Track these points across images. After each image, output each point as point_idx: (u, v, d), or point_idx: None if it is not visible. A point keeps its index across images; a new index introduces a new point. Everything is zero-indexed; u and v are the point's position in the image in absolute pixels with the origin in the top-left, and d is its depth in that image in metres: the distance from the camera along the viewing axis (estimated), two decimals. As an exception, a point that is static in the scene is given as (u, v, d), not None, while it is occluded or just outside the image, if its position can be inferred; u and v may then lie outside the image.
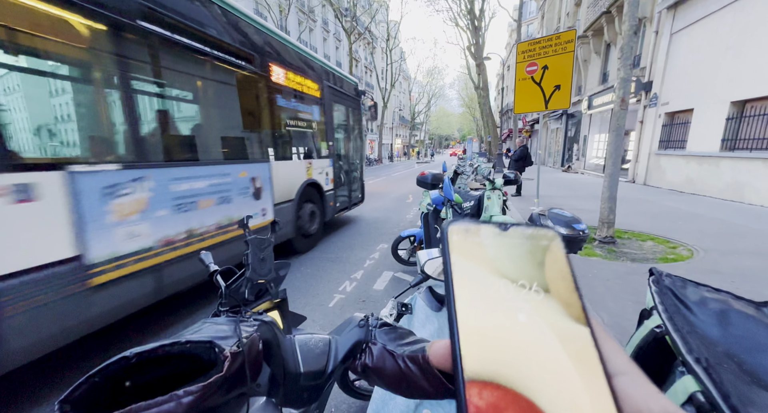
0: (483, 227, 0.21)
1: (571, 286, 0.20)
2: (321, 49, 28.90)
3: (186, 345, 0.48)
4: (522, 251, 0.21)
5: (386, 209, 7.87)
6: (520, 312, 0.19)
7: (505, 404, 0.16)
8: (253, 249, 0.64)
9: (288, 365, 0.63)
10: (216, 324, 0.55)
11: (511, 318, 0.18)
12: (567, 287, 0.20)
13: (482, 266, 0.20)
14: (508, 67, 33.99)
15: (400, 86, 50.57)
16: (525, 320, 0.18)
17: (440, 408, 1.15)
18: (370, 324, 0.71)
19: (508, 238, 0.21)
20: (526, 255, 0.20)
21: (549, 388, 0.17)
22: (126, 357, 0.43)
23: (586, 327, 0.19)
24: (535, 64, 6.01)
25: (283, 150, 4.04)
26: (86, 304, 1.92)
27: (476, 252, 0.21)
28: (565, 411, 0.16)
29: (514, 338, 0.18)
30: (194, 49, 2.68)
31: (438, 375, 0.58)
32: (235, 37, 3.11)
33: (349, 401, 1.81)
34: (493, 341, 0.18)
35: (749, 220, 5.55)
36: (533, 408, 0.16)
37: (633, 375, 0.18)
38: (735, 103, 7.56)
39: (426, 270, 0.96)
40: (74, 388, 0.39)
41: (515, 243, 0.21)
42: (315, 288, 3.33)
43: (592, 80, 15.75)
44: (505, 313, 0.19)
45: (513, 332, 0.18)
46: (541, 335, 0.18)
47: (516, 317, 0.19)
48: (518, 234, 0.21)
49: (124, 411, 0.39)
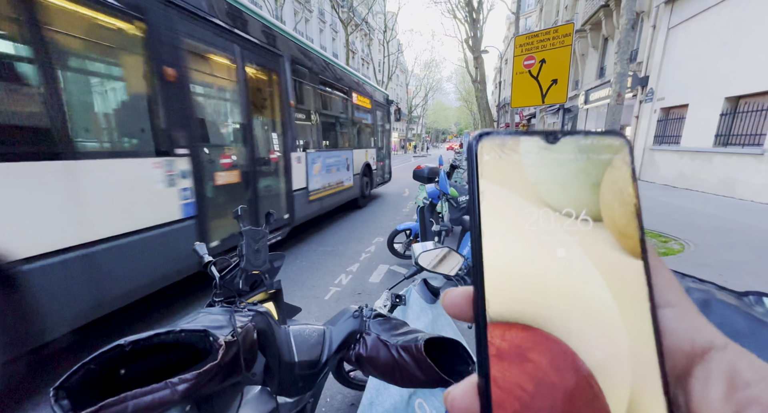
0: (523, 140, 0.17)
1: (632, 212, 0.16)
2: (317, 40, 28.49)
3: (180, 334, 0.48)
4: (573, 170, 0.17)
5: (382, 203, 7.87)
6: (559, 246, 0.16)
7: (530, 345, 0.15)
8: (248, 241, 0.64)
9: (283, 355, 0.63)
10: (211, 314, 0.56)
11: (549, 253, 0.16)
12: (626, 213, 0.16)
13: (518, 192, 0.17)
14: (506, 61, 33.79)
15: (397, 79, 50.12)
16: (564, 255, 0.16)
17: (433, 397, 1.18)
18: (365, 315, 0.72)
19: (557, 154, 0.17)
20: (578, 175, 0.17)
21: (583, 328, 0.15)
22: (120, 345, 0.43)
23: (639, 260, 0.16)
24: (533, 57, 5.98)
25: (357, 142, 6.84)
26: (308, 207, 4.59)
27: (512, 173, 0.17)
28: (598, 350, 0.15)
29: (549, 276, 0.16)
30: (337, 92, 5.73)
31: (431, 364, 0.59)
32: (345, 84, 6.08)
33: (344, 391, 1.83)
34: (523, 280, 0.16)
35: (739, 215, 5.63)
36: (563, 348, 0.15)
37: (681, 307, 0.16)
38: (729, 99, 7.61)
39: (420, 262, 0.97)
40: (69, 375, 0.39)
41: (565, 159, 0.17)
42: (311, 280, 3.34)
43: (589, 75, 15.74)
44: (542, 248, 0.16)
45: (548, 269, 0.16)
46: (582, 271, 0.16)
47: (554, 252, 0.16)
48: (571, 148, 0.17)
49: (118, 398, 0.39)
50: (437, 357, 0.59)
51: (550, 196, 0.17)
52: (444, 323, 1.36)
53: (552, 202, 0.17)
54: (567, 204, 0.17)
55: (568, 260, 0.16)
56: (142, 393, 0.41)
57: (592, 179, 0.17)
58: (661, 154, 9.98)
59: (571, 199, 0.17)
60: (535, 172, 0.17)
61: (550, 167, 0.17)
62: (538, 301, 0.16)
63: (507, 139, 0.17)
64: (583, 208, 0.17)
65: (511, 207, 0.17)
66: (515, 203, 0.17)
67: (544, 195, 0.17)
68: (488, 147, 0.17)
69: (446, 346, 0.62)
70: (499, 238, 0.16)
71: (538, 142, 0.17)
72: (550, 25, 20.50)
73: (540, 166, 0.17)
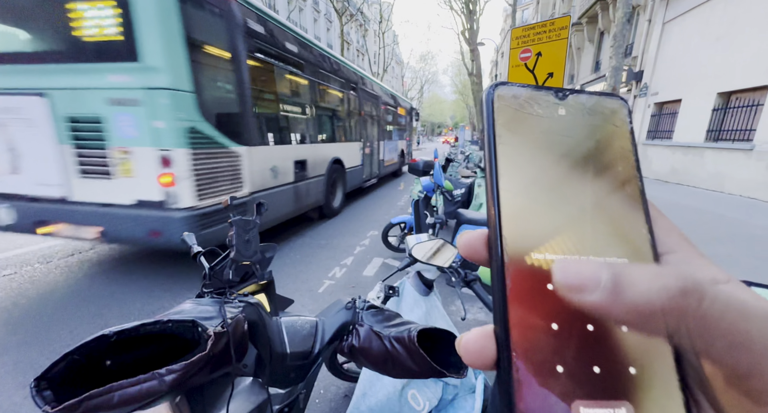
0: (535, 94, 0.19)
1: (631, 164, 0.18)
2: (311, 30, 28.02)
3: (168, 324, 0.47)
4: (580, 123, 0.19)
5: (377, 196, 7.86)
6: (569, 189, 0.17)
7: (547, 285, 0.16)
8: (238, 231, 0.63)
9: (274, 346, 0.63)
10: (200, 304, 0.55)
11: (559, 196, 0.17)
12: (626, 164, 0.18)
13: (530, 138, 0.18)
14: (502, 54, 33.63)
15: (392, 71, 49.65)
16: (574, 198, 0.17)
17: (426, 388, 1.19)
18: (357, 306, 0.72)
19: (565, 108, 0.19)
20: (584, 128, 0.19)
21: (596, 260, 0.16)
22: (105, 335, 0.42)
23: (640, 206, 0.18)
24: (529, 50, 5.96)
25: (399, 136, 10.98)
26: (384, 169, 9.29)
27: (525, 122, 0.18)
28: None
29: (561, 217, 0.17)
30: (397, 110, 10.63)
31: (424, 355, 0.59)
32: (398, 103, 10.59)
33: (337, 383, 1.84)
34: (537, 221, 0.17)
35: (727, 209, 5.74)
36: None
37: (683, 252, 0.17)
38: (721, 94, 7.69)
39: (414, 254, 0.96)
40: (51, 366, 0.38)
41: (572, 113, 0.19)
42: (305, 273, 3.34)
43: (584, 69, 15.75)
44: (554, 193, 0.17)
45: (560, 211, 0.17)
46: (591, 214, 0.17)
47: (565, 195, 0.17)
48: (577, 104, 0.19)
49: (103, 388, 0.38)
50: (430, 347, 0.59)
51: (559, 143, 0.18)
52: (437, 315, 1.36)
53: (561, 149, 0.18)
54: (574, 151, 0.18)
55: (578, 203, 0.17)
56: (128, 384, 0.40)
57: (597, 132, 0.19)
58: (653, 149, 10.08)
59: (578, 147, 0.18)
60: (545, 122, 0.18)
61: (559, 119, 0.18)
62: (553, 242, 0.16)
63: (521, 91, 0.19)
64: (590, 157, 0.18)
65: (524, 151, 0.18)
66: (528, 148, 0.18)
67: (554, 143, 0.18)
68: (503, 96, 0.18)
69: (439, 337, 0.62)
70: (513, 179, 0.17)
71: (549, 97, 0.19)
72: (547, 17, 20.38)
73: (550, 118, 0.18)
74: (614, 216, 0.17)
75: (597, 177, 0.18)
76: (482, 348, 0.16)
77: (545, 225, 0.17)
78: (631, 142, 0.19)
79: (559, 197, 0.17)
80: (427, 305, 1.35)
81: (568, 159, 0.18)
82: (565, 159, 0.18)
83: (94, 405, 0.36)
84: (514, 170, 0.17)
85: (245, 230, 0.64)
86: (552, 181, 0.17)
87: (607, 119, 0.19)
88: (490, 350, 0.16)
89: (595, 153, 0.18)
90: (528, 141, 0.18)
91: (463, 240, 0.19)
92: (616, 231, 0.17)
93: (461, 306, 1.16)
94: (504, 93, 0.18)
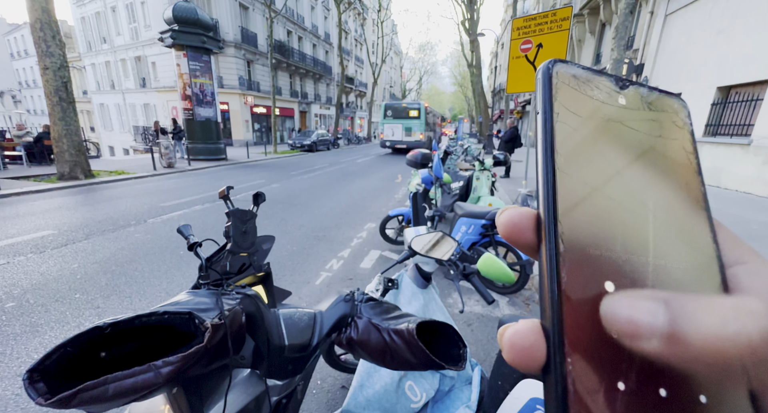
0: (596, 77, 0.17)
1: (693, 167, 0.17)
2: (309, 19, 27.51)
3: (164, 316, 0.46)
4: (642, 116, 0.17)
5: (374, 189, 7.83)
6: (631, 183, 0.16)
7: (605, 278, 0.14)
8: (235, 222, 0.61)
9: (272, 338, 0.62)
10: (196, 296, 0.54)
11: (620, 188, 0.16)
12: (688, 166, 0.17)
13: (590, 122, 0.17)
14: (502, 45, 33.29)
15: (391, 61, 49.05)
16: (636, 193, 0.16)
17: (423, 379, 1.19)
18: (356, 298, 0.71)
19: (626, 98, 0.17)
20: (646, 122, 0.17)
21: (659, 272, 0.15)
22: (99, 327, 0.41)
23: (704, 212, 0.16)
24: (530, 41, 5.88)
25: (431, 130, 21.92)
26: None
27: (585, 104, 0.17)
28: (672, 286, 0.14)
29: (622, 211, 0.15)
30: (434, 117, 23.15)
31: (423, 348, 0.58)
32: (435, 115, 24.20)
33: (335, 374, 1.85)
34: (596, 210, 0.15)
35: (723, 204, 5.78)
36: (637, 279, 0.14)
37: (754, 263, 0.15)
38: (721, 89, 7.66)
39: (413, 246, 0.95)
40: (44, 357, 0.37)
41: (633, 104, 0.17)
42: (301, 266, 3.34)
43: (585, 61, 15.63)
44: (614, 182, 0.16)
45: (621, 204, 0.15)
46: (654, 213, 0.16)
47: (626, 188, 0.16)
48: (638, 96, 0.18)
49: (98, 381, 0.37)
50: (429, 340, 0.58)
51: (619, 134, 0.17)
52: (435, 308, 1.36)
53: (621, 139, 0.17)
54: (635, 145, 0.17)
55: (640, 198, 0.16)
56: (123, 376, 0.39)
57: (659, 129, 0.17)
58: (651, 143, 10.11)
59: (639, 141, 0.17)
60: (606, 108, 0.17)
61: (620, 108, 0.17)
62: (612, 233, 0.15)
63: (581, 72, 0.17)
64: (651, 153, 0.17)
65: (583, 134, 0.16)
66: (588, 132, 0.16)
67: (614, 132, 0.17)
68: (562, 73, 0.17)
69: (438, 330, 0.61)
70: (571, 161, 0.16)
71: (609, 83, 0.18)
72: (549, 8, 20.12)
73: (611, 105, 0.17)
74: (678, 219, 0.16)
75: (659, 175, 0.16)
76: (532, 347, 0.14)
77: (605, 217, 0.15)
78: (692, 144, 0.18)
79: (621, 189, 0.16)
80: (425, 298, 1.35)
81: (630, 150, 0.16)
82: (626, 150, 0.16)
83: (89, 397, 0.35)
84: (573, 151, 0.16)
85: (242, 221, 0.62)
86: (613, 170, 0.16)
87: (668, 117, 0.18)
88: (540, 351, 0.13)
89: (657, 149, 0.17)
90: (588, 124, 0.16)
91: (506, 218, 0.16)
92: (680, 235, 0.16)
93: (459, 299, 1.16)
94: (563, 71, 0.17)
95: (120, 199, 6.02)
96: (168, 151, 10.04)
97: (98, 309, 2.43)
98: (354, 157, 16.35)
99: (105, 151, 25.19)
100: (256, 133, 23.02)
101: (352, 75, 37.70)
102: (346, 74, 35.24)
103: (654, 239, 0.15)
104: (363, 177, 9.61)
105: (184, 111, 11.81)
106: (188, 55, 11.17)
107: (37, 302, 2.50)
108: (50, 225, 4.31)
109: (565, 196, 0.15)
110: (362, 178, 9.43)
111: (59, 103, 6.91)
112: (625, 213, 0.15)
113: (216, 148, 12.41)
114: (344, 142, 26.66)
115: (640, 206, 0.16)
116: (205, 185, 7.62)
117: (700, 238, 0.16)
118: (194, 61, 11.34)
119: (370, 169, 11.43)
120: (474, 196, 4.08)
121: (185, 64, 11.28)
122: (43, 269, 3.05)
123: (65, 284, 2.78)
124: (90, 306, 2.47)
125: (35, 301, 2.50)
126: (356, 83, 38.62)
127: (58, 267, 3.09)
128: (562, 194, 0.15)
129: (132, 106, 24.81)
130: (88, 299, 2.56)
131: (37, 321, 2.27)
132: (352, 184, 8.25)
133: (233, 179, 8.57)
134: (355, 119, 39.94)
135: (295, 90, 26.90)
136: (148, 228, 4.31)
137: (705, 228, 0.16)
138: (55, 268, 3.07)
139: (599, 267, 0.14)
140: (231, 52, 19.66)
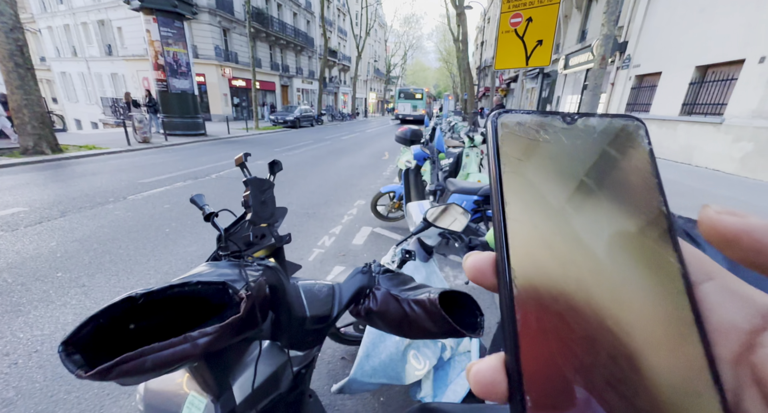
0: (541, 119, 0.18)
1: (652, 186, 0.17)
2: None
3: (197, 286, 0.44)
4: (592, 147, 0.17)
5: (362, 166, 7.75)
6: (583, 217, 0.16)
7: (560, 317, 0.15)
8: (254, 191, 0.59)
9: (294, 310, 0.62)
10: (218, 267, 0.52)
11: (573, 226, 0.16)
12: (647, 187, 0.17)
13: (538, 166, 0.17)
14: (488, 19, 32.47)
15: (375, 34, 47.12)
16: (589, 228, 0.16)
17: (426, 348, 1.24)
18: (374, 270, 0.71)
19: (575, 132, 0.18)
20: (597, 152, 0.17)
21: (617, 302, 0.15)
22: (132, 298, 0.39)
23: (666, 232, 0.16)
24: (520, 15, 5.76)
25: None
26: None
27: (531, 149, 0.17)
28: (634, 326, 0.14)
29: (576, 249, 0.16)
30: None
31: (445, 316, 0.60)
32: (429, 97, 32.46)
33: (334, 346, 1.90)
34: (549, 252, 0.16)
35: (694, 181, 6.08)
36: (594, 322, 0.14)
37: (722, 278, 0.15)
38: (699, 68, 7.84)
39: (428, 218, 0.96)
40: (78, 329, 0.35)
41: (583, 138, 0.17)
42: (293, 243, 3.32)
43: (570, 38, 15.52)
44: (565, 221, 0.16)
45: (574, 242, 0.16)
46: (608, 243, 0.16)
47: (579, 224, 0.16)
48: (587, 127, 0.18)
49: (136, 352, 0.36)
50: (447, 310, 0.60)
51: (569, 170, 0.17)
52: (436, 280, 1.40)
53: (572, 176, 0.17)
54: (588, 178, 0.17)
55: (594, 232, 0.16)
56: (160, 348, 0.38)
57: (612, 155, 0.17)
58: (631, 122, 10.34)
59: (591, 173, 0.17)
60: (553, 148, 0.17)
61: (568, 145, 0.17)
62: (568, 275, 0.15)
63: (524, 118, 0.18)
64: (605, 182, 0.17)
65: (532, 180, 0.17)
66: (536, 176, 0.17)
67: (564, 169, 0.17)
68: (506, 124, 0.18)
69: (456, 299, 0.63)
70: (521, 209, 0.16)
71: (555, 122, 0.18)
72: (537, -19, 19.62)
73: (558, 144, 0.17)
74: (636, 245, 0.16)
75: (613, 202, 0.16)
76: (494, 383, 0.15)
77: (556, 256, 0.15)
78: (650, 163, 0.17)
79: (573, 227, 0.16)
80: (426, 270, 1.38)
81: (581, 185, 0.17)
82: (577, 185, 0.17)
83: (127, 369, 0.34)
84: (521, 199, 0.17)
85: (261, 190, 0.60)
86: (563, 208, 0.16)
87: (621, 141, 0.18)
88: (501, 384, 0.15)
89: (613, 177, 0.17)
90: (535, 168, 0.17)
91: (470, 263, 0.18)
92: (639, 262, 0.15)
93: (461, 272, 1.19)
94: (508, 120, 0.18)
95: (94, 175, 5.71)
96: (142, 125, 9.48)
97: (84, 287, 2.36)
98: (339, 133, 16.00)
99: (71, 125, 23.52)
100: (236, 107, 22.02)
101: (335, 48, 36.09)
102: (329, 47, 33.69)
103: (610, 269, 0.15)
104: (350, 154, 9.46)
105: (157, 82, 11.06)
106: (158, 20, 10.32)
107: (16, 281, 2.39)
108: (20, 203, 4.06)
109: (517, 243, 0.16)
110: (349, 155, 9.29)
111: (15, 70, 6.29)
112: (578, 252, 0.16)
113: (194, 123, 11.80)
114: (328, 119, 25.95)
115: (595, 241, 0.16)
116: (186, 161, 7.31)
117: (662, 259, 0.16)
118: (165, 27, 10.50)
119: (357, 146, 11.25)
120: (463, 173, 4.11)
121: (155, 30, 10.44)
122: (18, 247, 2.91)
123: (44, 263, 2.67)
124: (74, 284, 2.39)
125: (13, 280, 2.40)
126: (339, 56, 37.06)
127: (35, 246, 2.95)
128: (514, 242, 0.16)
129: (98, 75, 23.05)
130: (72, 277, 2.48)
131: (18, 300, 2.18)
132: (339, 161, 8.12)
133: (215, 155, 8.26)
134: (339, 95, 38.69)
135: (276, 62, 25.60)
136: (128, 206, 4.14)
137: (668, 249, 0.16)
138: (31, 246, 2.93)
139: (552, 309, 0.15)
140: (205, 19, 18.33)
